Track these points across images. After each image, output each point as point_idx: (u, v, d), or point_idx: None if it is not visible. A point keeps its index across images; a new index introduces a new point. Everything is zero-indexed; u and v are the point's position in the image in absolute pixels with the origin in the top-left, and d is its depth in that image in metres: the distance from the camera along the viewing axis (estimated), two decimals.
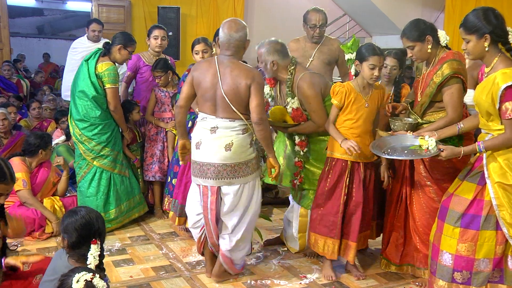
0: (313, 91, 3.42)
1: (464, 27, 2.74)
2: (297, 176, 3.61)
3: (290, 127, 3.54)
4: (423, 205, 3.28)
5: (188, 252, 3.90)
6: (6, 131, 5.10)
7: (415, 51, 3.14)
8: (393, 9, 10.36)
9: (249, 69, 3.18)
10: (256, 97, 3.09)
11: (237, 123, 3.16)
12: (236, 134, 3.15)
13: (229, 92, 3.10)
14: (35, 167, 4.36)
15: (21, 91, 8.12)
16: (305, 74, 3.47)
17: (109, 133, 4.27)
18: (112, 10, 9.66)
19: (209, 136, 3.17)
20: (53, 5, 16.12)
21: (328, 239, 3.39)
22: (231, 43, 3.14)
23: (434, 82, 3.11)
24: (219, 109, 3.16)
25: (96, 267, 2.22)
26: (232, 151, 3.14)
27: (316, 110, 3.44)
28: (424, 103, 3.21)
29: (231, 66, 3.13)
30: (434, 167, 3.22)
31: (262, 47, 3.53)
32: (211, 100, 3.16)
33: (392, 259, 3.47)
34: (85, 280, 2.00)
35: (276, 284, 3.40)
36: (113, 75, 4.19)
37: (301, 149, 3.58)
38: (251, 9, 11.40)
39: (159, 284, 3.36)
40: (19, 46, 14.42)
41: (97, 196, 4.25)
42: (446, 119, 3.11)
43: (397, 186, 3.43)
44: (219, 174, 3.17)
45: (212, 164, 3.17)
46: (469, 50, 2.77)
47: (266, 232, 4.38)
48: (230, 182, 3.19)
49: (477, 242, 2.76)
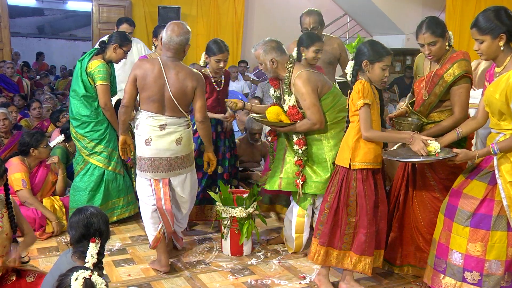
0: (309, 87, 3.42)
1: (478, 28, 2.69)
2: (299, 175, 3.60)
3: (285, 126, 3.54)
4: (427, 205, 3.26)
5: (188, 252, 3.90)
6: (6, 131, 5.10)
7: (436, 47, 3.08)
8: (393, 9, 10.36)
9: (193, 72, 3.41)
10: (201, 99, 3.40)
11: (182, 120, 3.44)
12: (183, 129, 3.44)
13: (177, 94, 3.34)
14: (34, 166, 4.37)
15: (22, 90, 8.13)
16: (302, 71, 3.47)
17: (101, 130, 4.27)
18: (112, 10, 9.68)
19: (159, 133, 3.38)
20: (54, 5, 16.14)
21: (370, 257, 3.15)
22: (171, 46, 3.35)
23: (445, 81, 3.09)
24: (166, 108, 3.38)
25: (94, 266, 2.23)
26: (182, 144, 3.44)
27: (311, 107, 3.42)
28: (432, 102, 3.20)
29: (176, 69, 3.35)
30: (439, 167, 3.21)
31: (258, 48, 3.54)
32: (159, 101, 3.36)
33: (392, 261, 3.47)
34: (84, 278, 2.01)
35: (276, 284, 3.40)
36: (103, 72, 4.19)
37: (300, 147, 3.57)
38: (251, 9, 11.40)
39: (160, 284, 3.37)
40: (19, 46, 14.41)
41: (85, 191, 4.26)
42: (453, 119, 3.12)
43: (396, 188, 3.42)
44: (171, 167, 3.43)
45: (164, 158, 3.41)
46: (482, 51, 2.72)
47: (266, 232, 4.38)
48: (179, 173, 3.48)
49: (488, 243, 2.72)
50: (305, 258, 3.80)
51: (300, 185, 3.58)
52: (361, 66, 3.01)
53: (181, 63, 3.42)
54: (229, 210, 3.76)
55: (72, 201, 4.28)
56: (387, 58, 3.00)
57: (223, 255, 3.87)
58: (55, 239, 4.16)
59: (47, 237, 4.17)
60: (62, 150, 4.92)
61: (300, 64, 3.60)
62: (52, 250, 3.94)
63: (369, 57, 2.98)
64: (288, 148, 3.68)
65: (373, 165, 3.06)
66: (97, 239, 2.29)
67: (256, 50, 3.57)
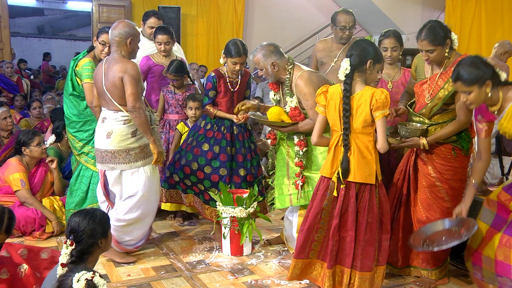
0: (311, 87, 3.41)
1: (463, 81, 2.73)
2: (299, 177, 3.59)
3: (287, 126, 3.54)
4: (432, 206, 3.25)
5: (188, 252, 3.90)
6: (9, 130, 5.10)
7: (433, 54, 3.08)
8: (393, 9, 10.37)
9: (124, 62, 3.46)
10: (129, 87, 3.41)
11: (119, 115, 3.51)
12: (117, 124, 3.51)
13: (109, 87, 3.47)
14: (33, 166, 4.37)
15: (22, 90, 8.13)
16: (303, 72, 3.47)
17: (90, 131, 4.16)
18: (112, 10, 9.69)
19: (99, 125, 3.60)
20: (54, 5, 16.16)
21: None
22: (111, 41, 3.52)
23: (451, 85, 3.06)
24: (106, 102, 3.55)
25: (70, 263, 2.25)
26: (112, 139, 3.50)
27: (313, 107, 3.40)
28: (435, 106, 3.18)
29: (112, 62, 3.48)
30: (444, 168, 3.21)
31: (257, 53, 3.51)
32: (102, 95, 3.55)
33: (392, 263, 3.45)
34: (86, 279, 2.01)
35: (276, 284, 3.40)
36: (89, 70, 4.04)
37: (301, 148, 3.56)
38: (251, 9, 11.40)
39: (160, 284, 3.37)
40: (19, 46, 14.44)
41: (77, 192, 4.19)
42: (458, 123, 3.12)
43: (395, 190, 3.41)
44: (103, 159, 3.57)
45: (98, 150, 3.59)
46: (471, 101, 2.75)
47: (266, 232, 4.39)
48: (112, 167, 3.56)
49: None
50: None
51: (300, 186, 3.58)
52: (363, 65, 2.88)
53: (119, 56, 3.47)
54: (229, 210, 3.76)
55: (67, 202, 4.25)
56: (383, 61, 3.03)
57: (223, 255, 3.87)
58: (55, 239, 4.15)
59: (47, 237, 4.17)
60: (55, 151, 4.84)
61: (300, 65, 3.60)
62: None
63: (373, 57, 2.89)
64: (290, 162, 3.64)
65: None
66: (69, 240, 2.29)
67: (255, 56, 3.53)
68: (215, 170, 4.06)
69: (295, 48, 11.36)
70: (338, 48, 4.32)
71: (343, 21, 4.24)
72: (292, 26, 11.63)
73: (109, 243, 2.49)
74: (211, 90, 4.05)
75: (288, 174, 3.63)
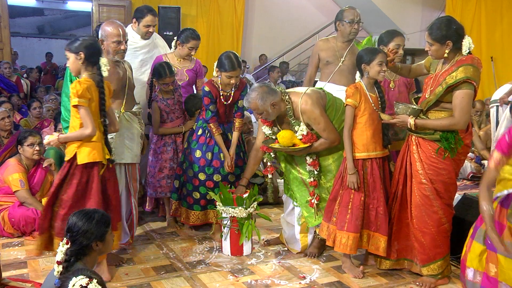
0: (318, 110, 3.45)
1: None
2: (314, 196, 3.65)
3: (303, 150, 3.55)
4: (418, 202, 3.29)
5: (188, 252, 3.90)
6: (8, 130, 5.10)
7: (432, 49, 3.18)
8: (393, 9, 10.38)
9: None
10: None
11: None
12: None
13: None
14: (32, 167, 4.36)
15: (21, 90, 8.13)
16: (303, 98, 3.47)
17: None
18: (112, 10, 9.70)
19: None
20: (54, 5, 16.16)
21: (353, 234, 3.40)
22: None
23: (446, 82, 3.10)
24: None
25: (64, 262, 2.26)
26: None
27: (326, 128, 3.47)
28: (430, 101, 3.21)
29: None
30: (429, 167, 3.24)
31: (252, 99, 3.45)
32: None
33: (388, 255, 3.47)
34: (80, 286, 2.02)
35: (276, 284, 3.40)
36: None
37: (315, 168, 3.61)
38: (251, 9, 11.40)
39: (160, 284, 3.37)
40: (19, 46, 14.44)
41: None
42: (452, 120, 3.12)
43: (393, 183, 3.45)
44: None
45: None
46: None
47: (266, 232, 4.38)
48: None
49: None
50: (305, 258, 3.80)
51: (315, 205, 3.65)
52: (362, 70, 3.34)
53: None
54: (229, 210, 3.76)
55: None
56: (380, 55, 3.31)
57: (223, 255, 3.87)
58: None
59: None
60: (55, 151, 4.75)
61: (293, 90, 3.63)
62: None
63: (365, 60, 3.33)
64: (306, 180, 3.69)
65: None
66: (66, 239, 2.30)
67: (251, 103, 3.47)
68: (209, 177, 4.07)
69: (295, 48, 11.32)
70: (344, 47, 4.32)
71: (351, 15, 4.28)
72: (292, 26, 11.61)
73: (107, 246, 2.45)
74: (211, 105, 4.01)
75: (308, 190, 3.69)
